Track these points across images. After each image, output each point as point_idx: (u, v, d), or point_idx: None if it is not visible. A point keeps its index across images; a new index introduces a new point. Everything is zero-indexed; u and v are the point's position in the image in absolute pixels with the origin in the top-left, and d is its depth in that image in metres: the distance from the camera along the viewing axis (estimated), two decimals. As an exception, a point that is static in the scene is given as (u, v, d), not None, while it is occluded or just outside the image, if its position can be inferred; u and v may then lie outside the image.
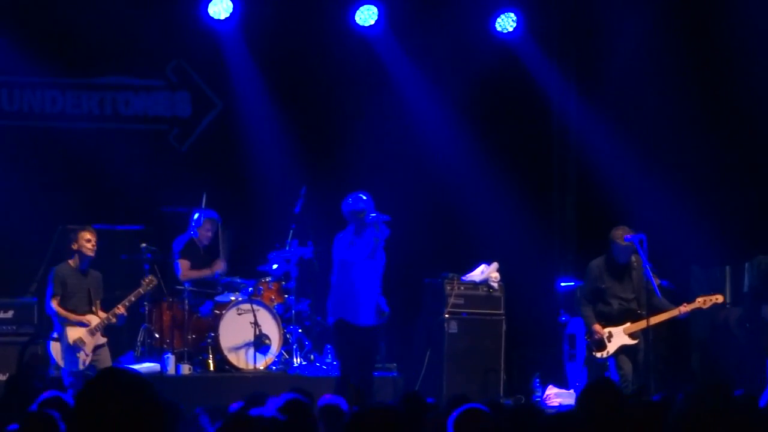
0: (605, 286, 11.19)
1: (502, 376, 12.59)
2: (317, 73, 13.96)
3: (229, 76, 14.05)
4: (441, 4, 14.14)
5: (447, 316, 12.52)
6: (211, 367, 12.00)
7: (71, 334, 10.87)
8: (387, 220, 10.25)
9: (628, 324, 11.09)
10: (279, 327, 12.12)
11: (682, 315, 11.13)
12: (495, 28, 14.30)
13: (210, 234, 12.60)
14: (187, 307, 12.07)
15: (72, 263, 11.02)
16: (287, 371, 12.14)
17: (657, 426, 4.52)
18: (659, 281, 11.26)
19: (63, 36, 13.35)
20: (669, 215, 13.30)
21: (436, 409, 6.39)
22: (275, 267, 12.57)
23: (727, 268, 13.46)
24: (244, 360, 12.00)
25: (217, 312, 12.10)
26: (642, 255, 10.91)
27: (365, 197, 10.31)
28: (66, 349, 10.85)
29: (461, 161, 14.11)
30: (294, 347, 12.32)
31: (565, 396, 12.06)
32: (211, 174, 13.47)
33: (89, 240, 10.98)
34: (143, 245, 11.66)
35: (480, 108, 14.20)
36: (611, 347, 11.09)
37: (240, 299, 12.18)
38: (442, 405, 6.81)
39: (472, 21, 14.24)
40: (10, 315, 11.83)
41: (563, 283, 13.43)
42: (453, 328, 12.53)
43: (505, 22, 14.29)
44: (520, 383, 13.00)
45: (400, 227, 10.95)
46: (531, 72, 14.36)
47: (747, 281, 13.16)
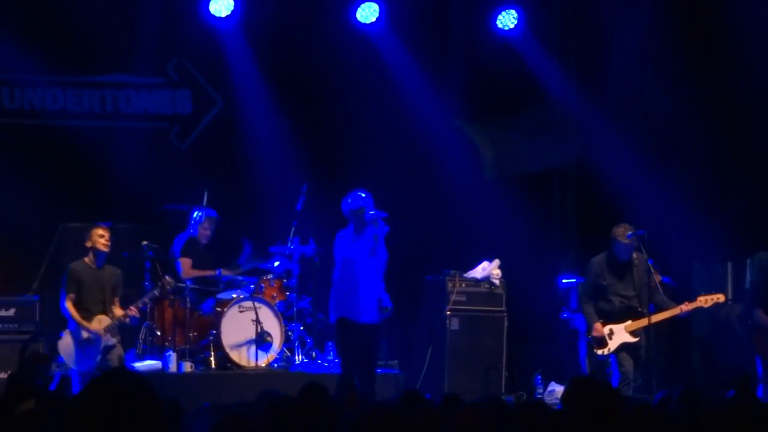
0: (606, 283, 11.18)
1: (503, 373, 12.58)
2: (318, 71, 13.94)
3: (230, 73, 14.04)
4: (442, 1, 14.14)
5: (449, 313, 12.51)
6: (213, 365, 12.00)
7: (84, 333, 10.87)
8: (385, 216, 10.24)
9: (629, 322, 11.09)
10: (281, 324, 12.12)
11: (683, 314, 11.12)
12: (496, 24, 14.29)
13: (209, 232, 12.60)
14: (189, 305, 12.06)
15: (87, 260, 11.06)
16: (289, 369, 12.14)
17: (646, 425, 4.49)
18: (660, 278, 11.25)
19: (64, 34, 13.35)
20: (670, 212, 13.28)
21: (430, 406, 6.37)
22: (277, 264, 12.58)
23: (729, 264, 13.46)
24: (245, 357, 11.99)
25: (219, 309, 12.10)
26: (644, 252, 10.90)
27: (364, 195, 10.30)
28: (77, 349, 10.84)
29: (462, 158, 14.10)
30: (296, 344, 12.32)
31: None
32: (212, 172, 13.48)
33: (102, 236, 11.02)
34: (144, 243, 11.65)
35: (481, 105, 14.19)
36: (612, 345, 11.09)
37: (242, 297, 12.18)
38: (437, 402, 6.79)
39: (473, 18, 14.23)
40: (11, 313, 11.83)
41: (565, 280, 13.42)
42: (455, 325, 12.53)
43: (506, 19, 14.28)
44: (521, 380, 12.99)
45: (401, 224, 10.95)
46: (532, 69, 14.35)
47: (749, 278, 13.15)
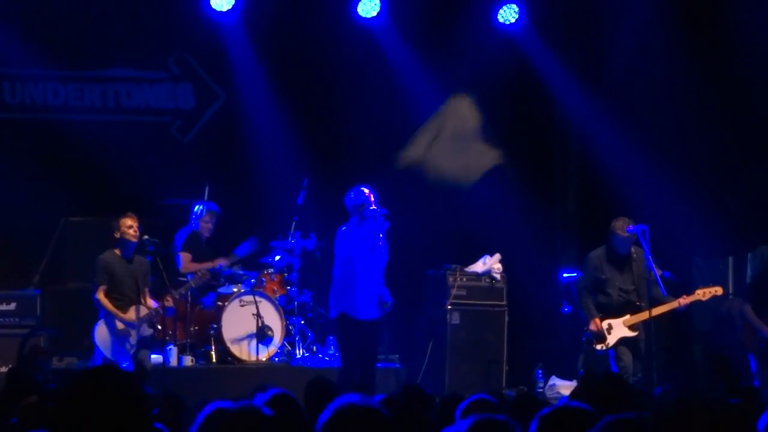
0: (605, 276, 11.17)
1: (504, 367, 12.60)
2: (320, 65, 13.94)
3: (232, 68, 14.04)
4: (443, -5, 14.14)
5: (449, 307, 12.52)
6: (214, 359, 12.01)
7: (119, 323, 10.88)
8: (384, 213, 10.23)
9: (628, 316, 11.07)
10: (281, 318, 12.13)
11: (681, 307, 11.12)
12: (497, 19, 14.28)
13: (210, 226, 12.61)
14: (190, 299, 12.08)
15: (117, 252, 11.02)
16: (290, 363, 12.15)
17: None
18: (661, 272, 11.24)
19: (65, 28, 13.35)
20: (671, 206, 13.27)
21: (432, 402, 6.39)
22: (278, 258, 12.58)
23: (730, 259, 13.47)
24: (246, 351, 12.01)
25: (220, 304, 12.11)
26: (645, 246, 10.90)
27: (367, 190, 10.29)
28: (114, 340, 10.85)
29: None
30: (296, 339, 12.33)
31: (568, 387, 12.05)
32: (214, 166, 13.48)
33: (131, 226, 10.97)
34: (146, 237, 11.64)
35: (482, 99, 14.17)
36: (611, 339, 11.07)
37: (242, 291, 12.19)
38: (442, 397, 6.79)
39: (474, 12, 14.22)
40: (12, 307, 11.85)
41: (565, 274, 13.42)
42: (455, 319, 12.54)
43: (507, 13, 14.27)
44: (522, 374, 13.00)
45: (402, 219, 10.95)
46: (533, 63, 14.35)
47: (750, 272, 13.16)
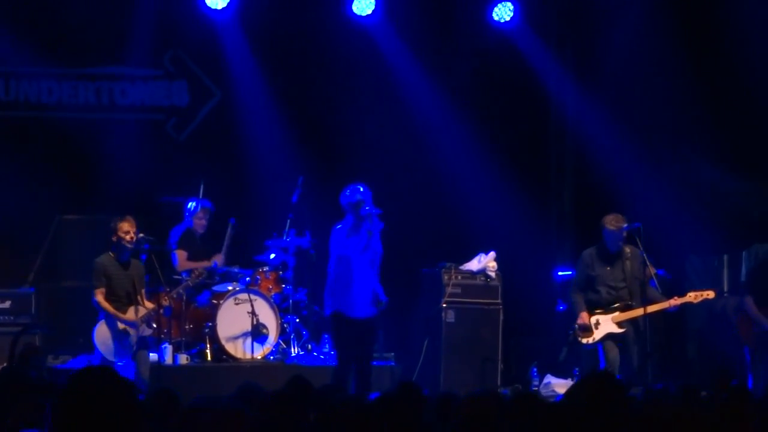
0: (595, 273, 11.18)
1: (499, 365, 12.59)
2: (315, 63, 13.94)
3: (227, 65, 14.03)
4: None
5: (444, 305, 12.51)
6: (209, 357, 12.00)
7: (119, 324, 10.86)
8: (379, 213, 10.21)
9: (617, 313, 11.08)
10: (276, 317, 12.12)
11: (672, 308, 11.12)
12: (492, 17, 14.28)
13: (204, 222, 12.61)
14: (185, 297, 12.07)
15: (112, 255, 10.97)
16: (285, 361, 12.15)
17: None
18: (655, 270, 11.24)
19: (59, 26, 13.33)
20: (666, 204, 13.29)
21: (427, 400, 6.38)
22: (273, 257, 12.58)
23: (725, 257, 13.47)
24: (241, 350, 12.00)
25: (215, 302, 12.10)
26: (640, 245, 10.90)
27: (362, 189, 10.27)
28: (115, 340, 10.83)
29: (459, 150, 14.10)
30: (291, 337, 12.33)
31: (563, 385, 12.05)
32: (209, 164, 13.46)
33: (128, 231, 10.90)
34: (140, 235, 11.61)
35: (477, 97, 14.19)
36: (597, 334, 11.07)
37: (237, 289, 12.18)
38: (435, 395, 6.79)
39: (468, 10, 14.22)
40: (7, 305, 11.84)
41: (560, 272, 13.44)
42: (450, 317, 12.53)
43: (503, 11, 14.27)
44: (517, 372, 13.01)
45: (397, 217, 10.94)
46: (528, 61, 14.34)
47: (744, 270, 13.17)
